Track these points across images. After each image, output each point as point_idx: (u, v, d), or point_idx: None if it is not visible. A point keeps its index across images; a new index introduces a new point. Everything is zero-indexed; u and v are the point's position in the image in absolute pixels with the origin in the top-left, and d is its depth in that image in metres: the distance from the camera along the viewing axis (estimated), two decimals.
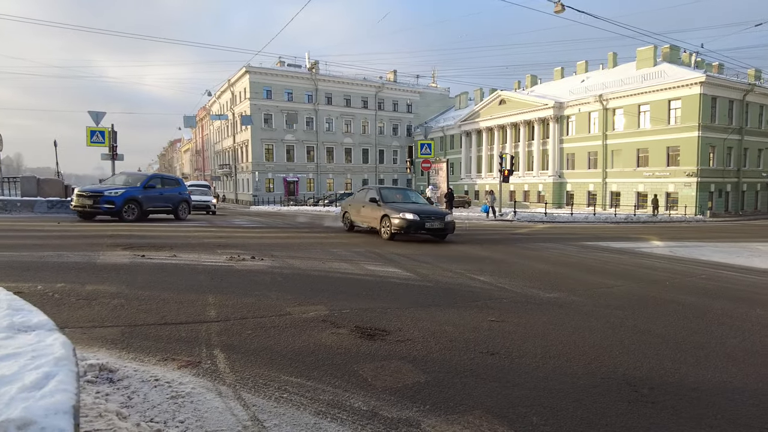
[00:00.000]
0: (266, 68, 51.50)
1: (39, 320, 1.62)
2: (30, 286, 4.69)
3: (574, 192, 42.48)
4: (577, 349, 3.38)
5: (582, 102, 40.96)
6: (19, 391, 1.09)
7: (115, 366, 2.67)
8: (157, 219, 15.63)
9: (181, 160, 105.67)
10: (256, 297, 4.67)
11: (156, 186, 15.45)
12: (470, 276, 6.26)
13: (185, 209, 16.53)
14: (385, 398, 2.48)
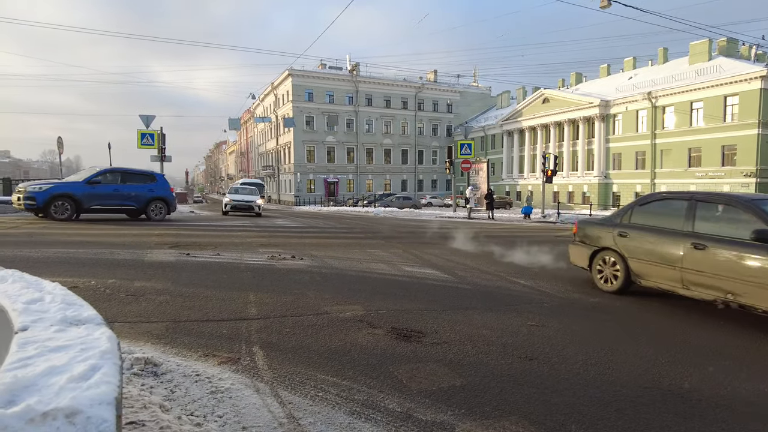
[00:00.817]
0: (308, 71, 52.37)
1: (89, 314, 1.71)
2: (84, 282, 4.95)
3: (620, 193, 41.01)
4: (620, 356, 3.26)
5: (629, 100, 39.48)
6: (68, 381, 1.14)
7: (159, 360, 2.78)
8: (202, 220, 16.14)
9: (226, 161, 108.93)
10: (295, 296, 4.75)
11: (108, 181, 13.76)
12: (509, 279, 6.14)
13: (161, 209, 14.72)
14: (419, 400, 2.46)
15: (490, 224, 20.07)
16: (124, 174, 14.33)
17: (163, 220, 14.59)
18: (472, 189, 25.72)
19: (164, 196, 14.81)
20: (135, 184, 14.30)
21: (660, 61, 43.10)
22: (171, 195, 15.20)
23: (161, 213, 14.72)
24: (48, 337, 1.45)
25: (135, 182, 14.37)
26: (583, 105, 43.39)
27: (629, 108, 39.79)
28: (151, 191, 14.50)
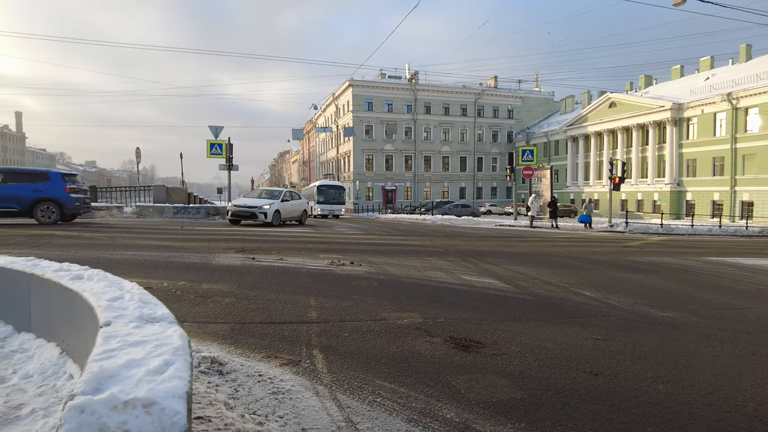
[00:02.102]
0: (368, 81, 53.25)
1: (162, 313, 1.82)
2: (157, 283, 5.28)
3: (695, 201, 38.39)
4: (695, 375, 3.03)
5: (706, 102, 36.97)
6: (145, 374, 1.23)
7: (224, 360, 2.91)
8: (266, 226, 16.74)
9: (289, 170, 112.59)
10: (353, 301, 4.82)
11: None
12: (573, 290, 5.90)
13: (52, 211, 13.31)
14: (478, 411, 2.41)
15: (553, 233, 19.40)
16: (6, 174, 13.42)
17: (55, 223, 13.34)
18: (535, 197, 24.97)
19: (57, 197, 13.35)
20: (18, 184, 13.20)
21: (742, 59, 40.09)
22: (63, 195, 13.45)
23: (51, 216, 13.35)
24: (127, 333, 1.57)
25: (19, 182, 13.30)
26: (654, 109, 41.12)
27: (706, 111, 37.26)
28: (36, 191, 13.22)
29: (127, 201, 21.79)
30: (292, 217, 18.67)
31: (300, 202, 19.78)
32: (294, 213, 18.84)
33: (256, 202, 17.19)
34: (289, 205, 18.23)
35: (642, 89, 47.52)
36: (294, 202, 19.02)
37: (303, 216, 19.65)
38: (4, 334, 3.08)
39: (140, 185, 24.00)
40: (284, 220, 17.82)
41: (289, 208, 18.19)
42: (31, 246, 8.30)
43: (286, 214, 18.00)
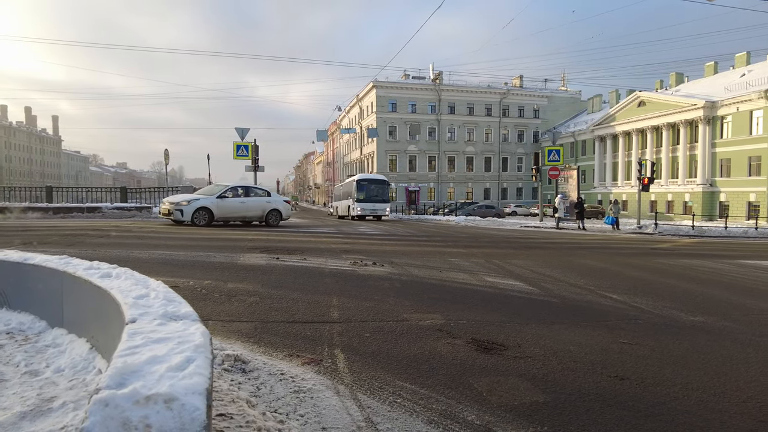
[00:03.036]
0: (391, 82, 53.30)
1: (186, 311, 1.86)
2: (183, 282, 5.39)
3: (729, 202, 37.09)
4: (728, 382, 2.93)
5: (742, 99, 35.68)
6: (166, 370, 1.25)
7: (247, 358, 2.95)
8: (291, 226, 16.93)
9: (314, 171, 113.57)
10: (375, 301, 4.82)
11: None
12: (600, 293, 5.78)
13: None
14: (499, 415, 2.39)
15: (580, 235, 19.05)
16: None
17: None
18: (561, 197, 24.55)
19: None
20: None
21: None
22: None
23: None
24: (152, 330, 1.60)
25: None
26: (685, 107, 39.93)
27: (741, 108, 35.98)
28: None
29: (156, 202, 22.30)
30: (239, 216, 16.10)
31: (262, 200, 16.52)
32: (245, 212, 16.18)
33: (184, 198, 15.67)
34: (233, 202, 15.75)
35: (673, 87, 46.23)
36: (248, 199, 16.19)
37: (270, 216, 16.52)
38: (39, 329, 3.19)
39: (168, 186, 24.57)
40: (224, 219, 15.71)
41: (232, 206, 15.72)
42: (65, 245, 8.58)
43: (228, 212, 15.70)
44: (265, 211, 16.51)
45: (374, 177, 29.95)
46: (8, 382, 2.42)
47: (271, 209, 16.67)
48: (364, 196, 27.49)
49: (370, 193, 27.83)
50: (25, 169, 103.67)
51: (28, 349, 2.82)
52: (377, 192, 28.18)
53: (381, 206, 27.96)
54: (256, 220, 16.55)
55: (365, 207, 27.34)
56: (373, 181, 28.57)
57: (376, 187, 28.23)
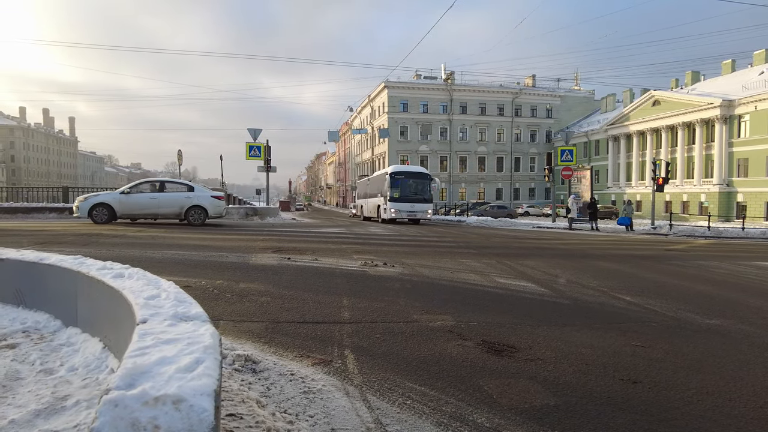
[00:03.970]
0: (403, 82, 53.30)
1: (196, 312, 1.87)
2: (196, 281, 5.44)
3: (746, 203, 36.48)
4: (744, 387, 2.87)
5: (761, 98, 35.08)
6: (175, 371, 1.26)
7: (258, 358, 2.96)
8: (302, 226, 16.99)
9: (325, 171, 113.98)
10: (386, 302, 4.82)
11: None
12: (613, 295, 5.72)
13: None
14: (509, 417, 2.37)
15: (593, 236, 18.86)
16: None
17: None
18: (574, 198, 24.32)
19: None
20: None
21: None
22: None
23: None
24: (162, 330, 1.62)
25: None
26: (701, 106, 39.36)
27: (759, 107, 35.38)
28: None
29: None
30: (150, 213, 14.97)
31: (179, 196, 15.15)
32: (157, 208, 14.89)
33: (92, 195, 15.08)
34: (142, 198, 14.77)
35: (688, 86, 45.62)
36: (160, 194, 14.98)
37: (191, 213, 15.09)
38: (54, 328, 3.24)
39: None
40: (130, 216, 14.90)
41: (139, 202, 14.70)
42: (80, 245, 8.71)
43: (135, 209, 14.74)
44: (183, 208, 14.98)
45: (413, 169, 24.19)
46: (24, 380, 2.46)
47: (192, 206, 15.04)
48: (399, 193, 22.27)
49: (407, 190, 22.45)
50: (43, 169, 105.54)
51: (43, 348, 2.87)
52: (416, 188, 22.75)
53: (421, 207, 22.57)
54: (174, 218, 15.26)
55: (401, 207, 22.03)
56: (412, 175, 23.19)
57: (415, 182, 22.74)
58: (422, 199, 22.78)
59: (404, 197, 22.30)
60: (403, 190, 22.29)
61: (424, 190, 22.92)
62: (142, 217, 15.17)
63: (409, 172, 23.44)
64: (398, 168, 23.92)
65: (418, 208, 22.45)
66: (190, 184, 15.95)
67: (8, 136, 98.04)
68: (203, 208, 15.20)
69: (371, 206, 25.97)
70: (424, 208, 22.73)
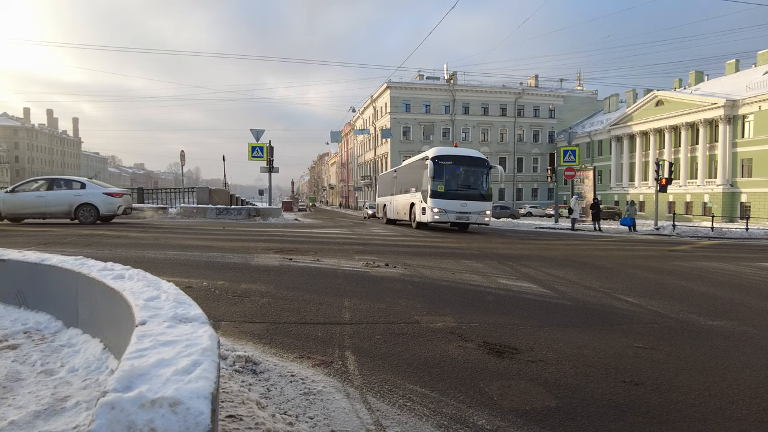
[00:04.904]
0: (405, 83, 53.30)
1: (195, 313, 1.87)
2: (197, 282, 5.44)
3: (750, 204, 36.32)
4: (747, 390, 2.86)
5: (765, 98, 34.95)
6: (173, 374, 1.26)
7: (258, 359, 2.96)
8: (305, 227, 17.01)
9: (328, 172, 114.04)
10: (387, 303, 4.81)
11: None
12: (615, 296, 5.70)
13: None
14: (510, 419, 2.36)
15: (596, 236, 18.81)
16: None
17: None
18: (577, 198, 24.26)
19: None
20: None
21: None
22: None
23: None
24: (160, 332, 1.61)
25: None
26: (705, 106, 39.23)
27: (764, 107, 35.25)
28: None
29: (171, 202, 22.61)
30: (38, 213, 14.51)
31: (68, 194, 14.56)
32: (45, 207, 14.40)
33: None
34: (28, 196, 14.43)
35: (692, 86, 45.47)
36: (48, 193, 14.53)
37: (81, 212, 14.52)
38: (55, 329, 3.24)
39: (184, 187, 24.87)
40: (16, 216, 14.59)
41: (25, 201, 14.34)
42: (83, 245, 8.73)
43: (21, 208, 14.41)
44: (72, 206, 14.43)
45: (465, 153, 17.32)
46: (24, 381, 2.46)
47: (82, 204, 14.47)
48: (445, 186, 16.09)
49: (457, 182, 16.30)
50: (47, 170, 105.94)
51: (44, 349, 2.87)
52: (470, 179, 16.47)
53: (475, 206, 16.21)
54: (63, 217, 14.70)
55: (447, 206, 15.89)
56: (464, 160, 16.56)
57: (467, 171, 16.47)
58: (478, 195, 16.24)
59: (452, 192, 15.88)
60: (450, 182, 15.93)
61: (481, 182, 16.43)
62: (29, 217, 14.72)
63: (459, 157, 16.43)
64: (444, 150, 16.81)
65: (471, 208, 15.88)
66: (83, 181, 15.32)
67: (12, 137, 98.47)
68: (94, 206, 14.62)
69: (401, 205, 20.09)
70: (479, 207, 16.12)
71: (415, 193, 18.13)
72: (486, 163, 17.09)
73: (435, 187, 16.14)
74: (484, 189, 16.63)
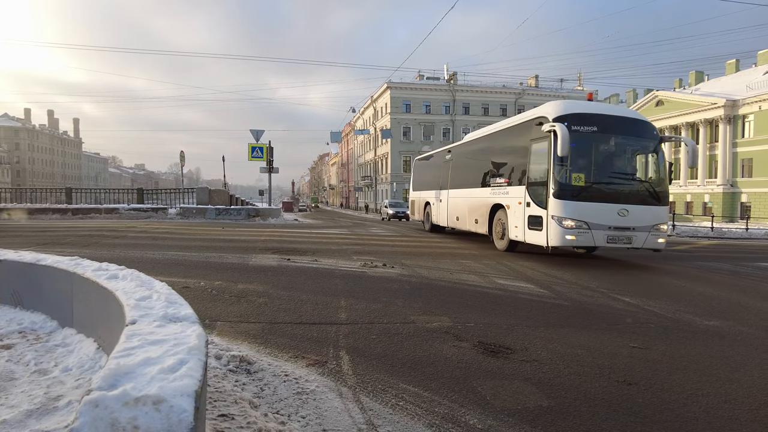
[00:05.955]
0: (406, 83, 53.29)
1: (186, 313, 1.88)
2: (195, 282, 5.45)
3: (750, 203, 36.30)
4: (740, 389, 2.86)
5: (765, 98, 34.93)
6: (158, 372, 1.27)
7: (253, 359, 2.97)
8: (304, 227, 17.00)
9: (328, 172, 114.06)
10: (383, 303, 4.82)
11: None
12: (612, 296, 5.70)
13: None
14: (502, 419, 2.36)
15: None
16: None
17: None
18: None
19: None
20: None
21: None
22: None
23: None
24: (150, 331, 1.62)
25: None
26: (705, 106, 39.22)
27: (764, 107, 35.23)
28: None
29: (171, 203, 22.61)
30: None
31: None
32: None
33: None
34: None
35: (692, 86, 45.47)
36: None
37: None
38: (50, 329, 3.25)
39: (184, 187, 24.87)
40: None
41: None
42: (81, 245, 8.75)
43: None
44: None
45: (617, 112, 9.37)
46: (18, 380, 2.47)
47: None
48: (589, 176, 8.45)
49: (609, 167, 8.66)
50: (47, 170, 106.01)
51: (38, 349, 2.88)
52: (632, 163, 9.02)
53: (645, 215, 8.53)
54: None
55: (596, 216, 8.22)
56: (619, 126, 8.79)
57: (624, 147, 8.91)
58: (646, 193, 8.72)
59: (602, 188, 8.46)
60: (599, 168, 8.62)
61: (650, 169, 9.15)
62: None
63: (610, 119, 8.81)
64: (579, 107, 8.97)
65: (636, 218, 8.45)
66: None
67: (13, 138, 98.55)
68: None
69: (466, 208, 12.62)
70: (650, 216, 8.63)
71: (502, 186, 10.30)
72: (654, 131, 9.13)
73: (565, 177, 8.24)
74: (657, 182, 8.86)
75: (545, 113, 8.92)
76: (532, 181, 9.11)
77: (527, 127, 9.59)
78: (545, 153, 8.64)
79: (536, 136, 9.02)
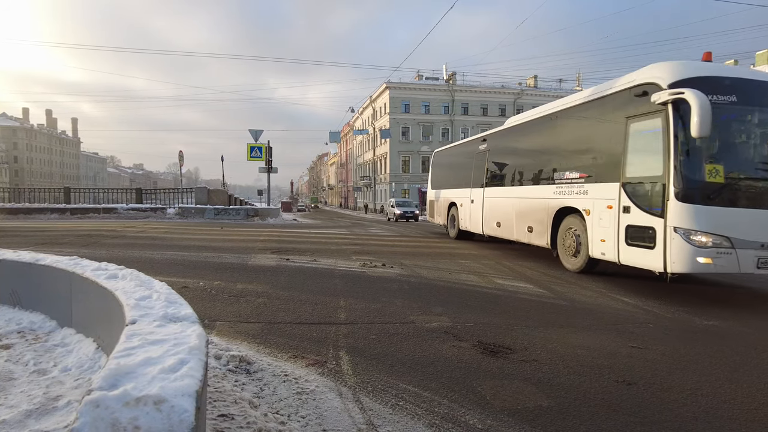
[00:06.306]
0: (405, 83, 53.29)
1: (185, 313, 1.87)
2: (194, 282, 5.44)
3: None
4: (739, 389, 2.86)
5: None
6: (159, 372, 1.26)
7: (252, 359, 2.96)
8: (303, 227, 16.99)
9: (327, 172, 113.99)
10: (383, 303, 4.81)
11: None
12: (612, 296, 5.70)
13: None
14: (502, 419, 2.36)
15: None
16: None
17: None
18: None
19: None
20: None
21: None
22: None
23: None
24: (150, 331, 1.62)
25: None
26: None
27: None
28: None
29: (170, 203, 22.59)
30: None
31: None
32: None
33: None
34: None
35: None
36: None
37: None
38: (49, 329, 3.25)
39: (183, 187, 24.83)
40: None
41: None
42: (80, 245, 8.73)
43: None
44: None
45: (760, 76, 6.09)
46: (17, 380, 2.46)
47: None
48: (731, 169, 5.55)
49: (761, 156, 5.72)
50: (46, 170, 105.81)
51: (37, 348, 2.87)
52: None
53: None
54: None
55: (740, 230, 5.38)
56: None
57: None
58: None
59: (751, 188, 5.67)
60: (747, 158, 5.83)
61: None
62: None
63: (760, 84, 5.85)
64: (706, 69, 6.00)
65: None
66: None
67: (11, 137, 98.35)
68: None
69: (509, 211, 10.11)
70: None
71: (577, 183, 7.69)
72: None
73: (696, 170, 5.62)
74: None
75: (653, 78, 6.06)
76: (632, 177, 6.34)
77: (621, 100, 6.80)
78: (658, 135, 5.86)
79: (639, 112, 6.31)
